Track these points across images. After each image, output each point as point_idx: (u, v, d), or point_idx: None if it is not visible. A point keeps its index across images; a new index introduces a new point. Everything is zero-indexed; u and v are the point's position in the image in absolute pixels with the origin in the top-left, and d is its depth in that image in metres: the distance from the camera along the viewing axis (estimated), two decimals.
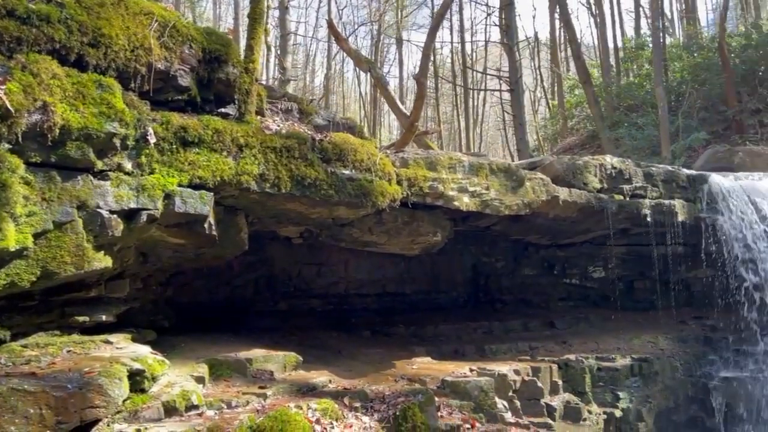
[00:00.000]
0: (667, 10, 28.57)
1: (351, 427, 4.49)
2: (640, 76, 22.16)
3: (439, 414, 5.39)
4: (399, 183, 6.48)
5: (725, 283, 9.17)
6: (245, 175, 5.08)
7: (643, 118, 18.44)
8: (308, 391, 5.15)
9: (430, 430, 4.92)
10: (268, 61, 25.98)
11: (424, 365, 6.79)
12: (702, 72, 18.14)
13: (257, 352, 5.67)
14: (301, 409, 4.40)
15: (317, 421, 4.32)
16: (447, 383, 5.93)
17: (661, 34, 20.42)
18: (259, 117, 5.88)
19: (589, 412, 6.89)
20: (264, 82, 10.49)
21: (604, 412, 7.03)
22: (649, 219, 8.90)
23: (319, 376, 5.59)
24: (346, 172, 5.77)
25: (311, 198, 5.53)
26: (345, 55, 27.08)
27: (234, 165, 5.04)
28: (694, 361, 8.52)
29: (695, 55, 19.39)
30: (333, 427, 4.35)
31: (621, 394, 7.36)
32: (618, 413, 7.14)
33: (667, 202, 9.08)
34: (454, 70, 31.00)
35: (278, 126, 5.74)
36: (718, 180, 9.50)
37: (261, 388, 4.92)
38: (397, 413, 4.87)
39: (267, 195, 5.33)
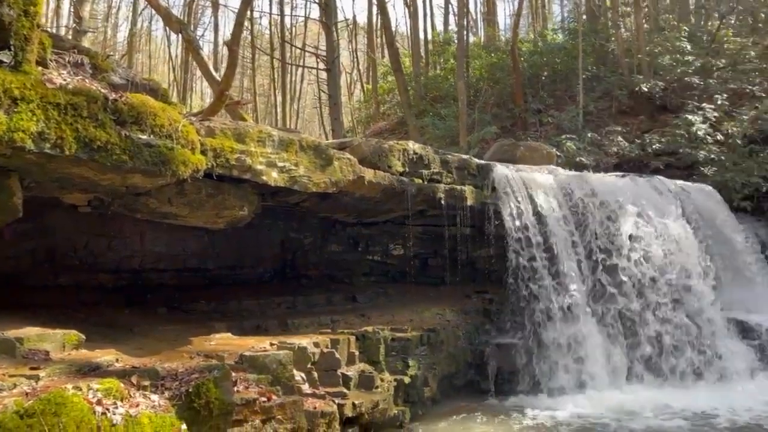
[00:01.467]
0: (472, 10, 31.03)
1: (137, 406, 4.25)
2: (445, 69, 23.83)
3: (235, 389, 5.34)
4: (204, 153, 6.22)
5: (504, 261, 10.34)
6: (20, 133, 4.48)
7: (446, 110, 19.91)
8: (90, 371, 4.76)
9: (224, 404, 4.85)
10: (59, 7, 23.00)
11: (223, 341, 6.67)
12: (497, 71, 20.08)
13: (30, 330, 5.10)
14: (81, 390, 4.06)
15: (98, 402, 4.01)
16: (245, 358, 5.89)
17: (465, 33, 22.13)
18: (40, 68, 5.20)
19: (382, 380, 7.34)
20: (51, 30, 9.28)
21: (395, 379, 7.54)
22: (443, 202, 9.68)
23: (105, 355, 5.20)
24: (144, 137, 5.38)
25: (101, 163, 5.06)
26: (154, 11, 25.01)
27: (6, 120, 4.42)
28: (474, 331, 9.52)
29: (492, 55, 21.37)
30: (117, 408, 4.08)
31: (410, 362, 7.95)
32: (407, 380, 7.71)
33: (459, 187, 9.95)
34: (272, 43, 30.39)
35: (64, 80, 5.13)
36: (501, 170, 10.63)
37: (33, 369, 4.44)
38: (190, 390, 4.73)
39: (47, 156, 4.77)
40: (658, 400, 8.32)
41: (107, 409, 4.00)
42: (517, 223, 10.11)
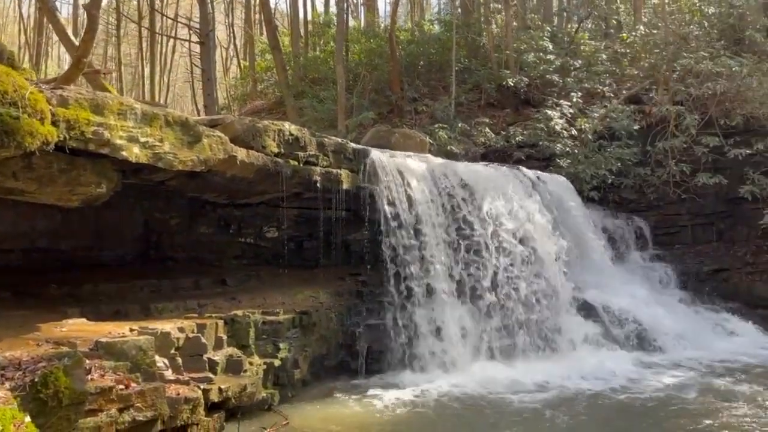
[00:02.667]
0: None
1: None
2: (325, 51, 23.68)
3: (89, 377, 5.02)
4: (55, 124, 5.71)
5: (377, 244, 10.57)
6: None
7: (325, 92, 19.81)
8: None
9: (76, 394, 4.54)
10: None
11: (76, 327, 6.23)
12: (376, 58, 20.29)
13: None
14: None
15: None
16: (101, 344, 5.54)
17: (345, 16, 22.11)
18: None
19: (251, 363, 7.25)
20: None
21: (265, 363, 7.49)
22: (319, 185, 9.69)
23: None
24: None
25: None
26: None
27: None
28: (346, 312, 9.67)
29: (371, 41, 21.55)
30: None
31: (281, 345, 7.93)
32: (277, 362, 7.68)
33: (335, 171, 10.00)
34: (140, 10, 28.38)
35: None
36: (377, 155, 10.83)
37: None
38: (36, 380, 4.37)
39: None
40: (512, 374, 8.99)
41: None
42: (391, 207, 10.37)
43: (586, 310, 11.11)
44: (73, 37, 12.79)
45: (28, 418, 4.04)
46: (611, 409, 7.57)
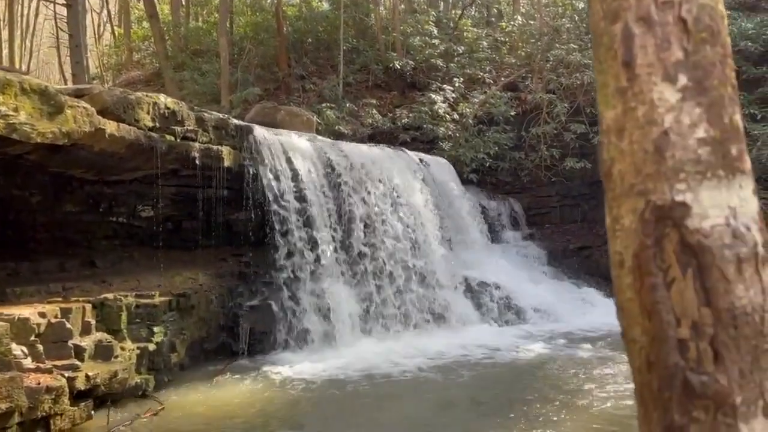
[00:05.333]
0: None
1: None
2: (208, 23, 22.65)
3: None
4: None
5: (261, 224, 10.38)
6: None
7: (207, 65, 18.98)
8: None
9: None
10: None
11: None
12: (262, 32, 19.73)
13: None
14: None
15: None
16: None
17: None
18: None
19: (123, 348, 6.90)
20: None
21: (138, 347, 7.15)
22: (198, 162, 9.32)
23: None
24: None
25: None
26: None
27: None
28: (228, 294, 9.46)
29: (258, 14, 20.90)
30: None
31: (156, 329, 7.59)
32: (152, 347, 7.36)
33: (215, 147, 9.66)
34: None
35: None
36: (261, 133, 10.59)
37: None
38: None
39: None
40: (393, 348, 9.26)
41: None
42: (275, 185, 10.22)
43: (466, 286, 11.67)
44: None
45: None
46: (490, 371, 8.06)
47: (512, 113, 15.66)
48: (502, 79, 17.50)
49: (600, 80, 1.03)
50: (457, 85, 16.73)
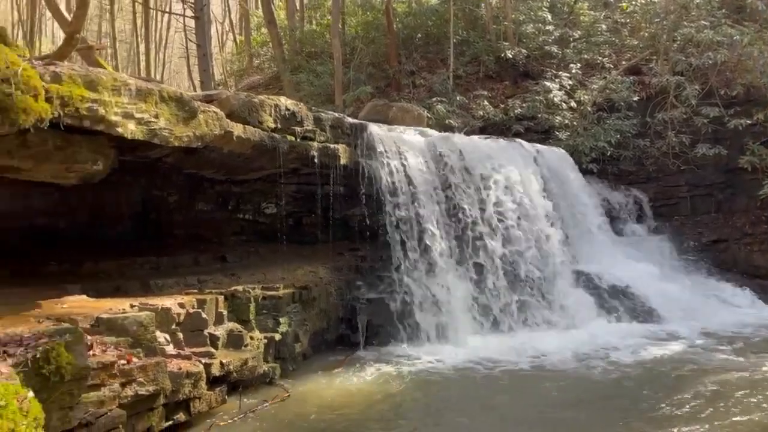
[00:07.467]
0: None
1: None
2: (321, 25, 23.37)
3: (91, 353, 5.05)
4: (49, 101, 5.64)
5: (375, 219, 10.58)
6: None
7: (321, 66, 19.61)
8: None
9: (77, 369, 4.57)
10: None
11: (77, 304, 6.24)
12: (372, 31, 20.04)
13: None
14: None
15: None
16: (102, 320, 5.57)
17: None
18: None
19: (252, 338, 7.29)
20: None
21: (265, 337, 7.53)
22: (316, 160, 9.65)
23: None
24: None
25: None
26: None
27: None
28: (346, 287, 9.72)
29: (368, 13, 21.26)
30: None
31: (281, 320, 7.96)
32: (277, 337, 7.73)
33: (332, 146, 9.95)
34: None
35: None
36: (374, 130, 10.77)
37: None
38: (38, 355, 4.40)
39: None
40: (512, 344, 9.06)
41: None
42: (389, 181, 10.36)
43: (586, 282, 11.15)
44: (66, 13, 12.63)
45: (30, 394, 4.08)
46: (616, 370, 7.66)
47: (635, 98, 14.75)
48: (623, 62, 16.52)
49: None
50: (573, 71, 16.03)
